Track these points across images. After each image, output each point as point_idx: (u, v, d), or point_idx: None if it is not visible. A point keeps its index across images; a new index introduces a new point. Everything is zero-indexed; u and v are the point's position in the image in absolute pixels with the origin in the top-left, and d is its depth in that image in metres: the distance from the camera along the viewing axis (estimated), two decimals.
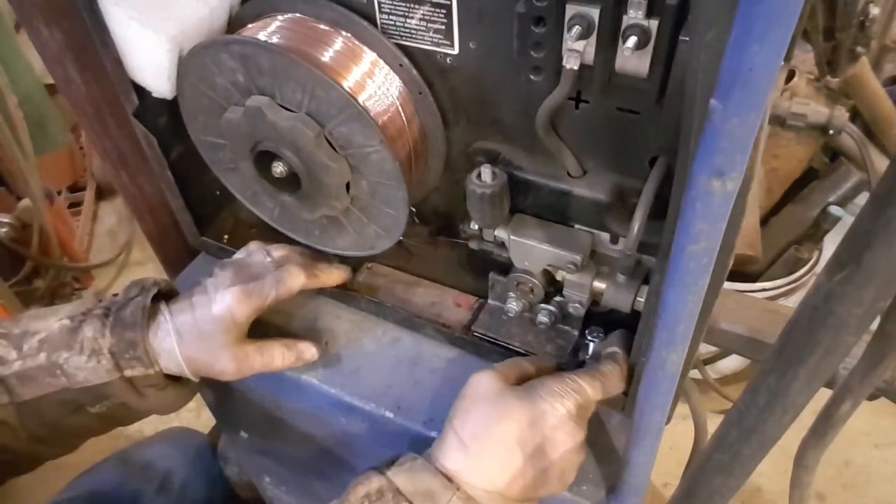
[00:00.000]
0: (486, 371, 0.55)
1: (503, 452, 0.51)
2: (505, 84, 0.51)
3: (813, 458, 0.48)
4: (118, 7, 0.54)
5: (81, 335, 0.57)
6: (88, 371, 0.57)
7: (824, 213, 1.32)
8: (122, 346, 0.57)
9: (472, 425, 0.52)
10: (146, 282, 0.62)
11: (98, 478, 0.97)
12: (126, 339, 0.57)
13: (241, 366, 0.62)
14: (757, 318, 0.68)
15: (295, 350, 0.65)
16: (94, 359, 0.57)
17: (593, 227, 0.55)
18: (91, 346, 0.57)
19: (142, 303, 0.59)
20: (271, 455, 0.95)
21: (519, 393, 0.53)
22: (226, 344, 0.60)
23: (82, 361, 0.57)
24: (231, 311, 0.60)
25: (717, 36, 0.29)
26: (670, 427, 0.53)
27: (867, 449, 1.52)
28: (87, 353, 0.57)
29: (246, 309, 0.60)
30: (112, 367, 0.57)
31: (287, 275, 0.63)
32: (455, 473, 0.50)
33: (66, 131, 2.06)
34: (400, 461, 0.52)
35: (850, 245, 0.30)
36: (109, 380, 0.57)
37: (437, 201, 0.65)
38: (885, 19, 1.08)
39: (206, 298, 0.61)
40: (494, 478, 0.50)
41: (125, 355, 0.57)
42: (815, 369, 0.35)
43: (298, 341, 0.66)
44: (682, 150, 0.37)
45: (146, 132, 0.62)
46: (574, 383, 0.53)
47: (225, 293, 0.60)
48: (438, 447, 0.53)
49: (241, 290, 0.60)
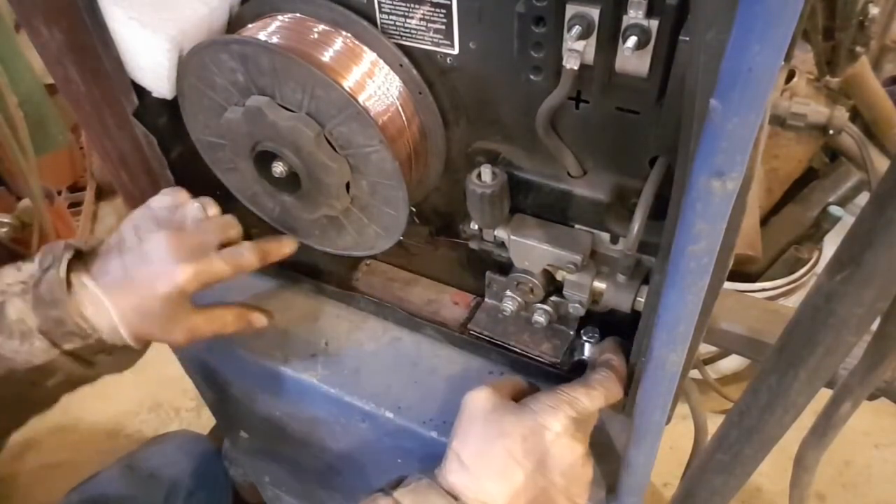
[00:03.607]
0: (479, 389, 0.55)
1: (503, 469, 0.50)
2: (505, 84, 0.51)
3: (813, 458, 0.48)
4: (118, 7, 0.54)
5: (6, 318, 0.54)
6: (26, 353, 0.54)
7: (824, 213, 1.32)
8: (51, 324, 0.54)
9: (471, 445, 0.52)
10: (56, 248, 0.57)
11: (103, 485, 0.97)
12: (51, 317, 0.54)
13: (191, 334, 0.59)
14: (757, 318, 0.67)
15: (245, 319, 0.63)
16: (27, 341, 0.54)
17: (593, 227, 0.55)
18: (19, 329, 0.53)
19: (56, 276, 0.54)
20: (271, 455, 0.95)
21: (513, 409, 0.53)
22: (174, 318, 0.57)
23: (16, 345, 0.53)
24: (179, 289, 0.56)
25: (717, 36, 0.29)
26: (670, 427, 0.53)
27: (867, 449, 1.52)
28: (17, 337, 0.53)
29: (195, 287, 0.57)
30: (48, 346, 0.54)
31: (240, 258, 0.59)
32: (459, 492, 0.50)
33: (66, 131, 2.06)
34: (405, 482, 0.52)
35: (851, 245, 0.30)
36: (50, 358, 0.54)
37: (437, 201, 0.65)
38: (884, 19, 1.08)
39: (146, 272, 0.56)
40: (496, 495, 0.50)
41: (57, 332, 0.54)
42: (815, 369, 0.35)
43: (249, 311, 0.64)
44: (682, 150, 0.37)
45: (146, 132, 0.62)
46: (567, 396, 0.52)
47: (173, 269, 0.55)
48: (442, 468, 0.53)
49: (192, 269, 0.56)
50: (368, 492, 0.52)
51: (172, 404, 1.71)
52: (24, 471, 1.54)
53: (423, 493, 0.50)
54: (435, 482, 0.51)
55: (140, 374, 0.63)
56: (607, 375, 0.55)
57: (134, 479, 0.98)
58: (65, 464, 1.57)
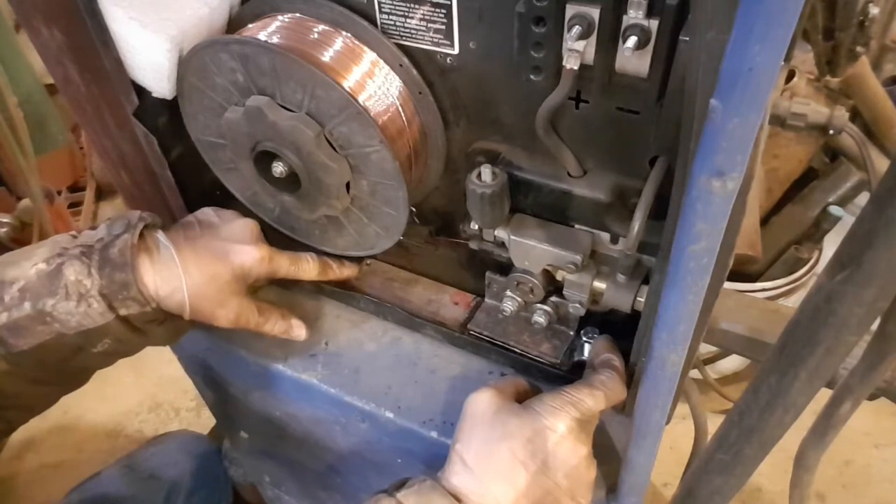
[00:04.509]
0: (482, 390, 0.55)
1: (507, 471, 0.50)
2: (505, 84, 0.51)
3: (813, 458, 0.48)
4: (118, 7, 0.54)
5: (63, 279, 0.54)
6: (80, 315, 0.54)
7: (824, 213, 1.32)
8: (115, 287, 0.54)
9: (475, 447, 0.52)
10: (131, 216, 0.58)
11: (104, 484, 0.97)
12: (117, 280, 0.54)
13: (239, 318, 0.62)
14: (757, 318, 0.67)
15: (288, 322, 0.67)
16: (84, 303, 0.54)
17: (593, 227, 0.55)
18: (77, 290, 0.54)
19: (130, 241, 0.56)
20: (271, 455, 0.95)
21: (517, 411, 0.53)
22: (236, 292, 0.61)
23: (71, 307, 0.54)
24: (248, 267, 0.61)
25: (717, 36, 0.29)
26: (670, 427, 0.53)
27: (867, 449, 1.52)
28: (74, 299, 0.54)
29: (263, 270, 0.62)
30: (105, 309, 0.54)
31: (304, 262, 0.65)
32: (463, 495, 0.50)
33: (66, 131, 2.06)
34: (409, 484, 0.52)
35: (851, 245, 0.30)
36: (104, 322, 0.55)
37: (437, 201, 0.64)
38: (884, 19, 1.08)
39: (223, 245, 0.60)
40: (501, 497, 0.50)
41: (118, 296, 0.55)
42: (816, 369, 0.35)
43: (293, 316, 0.68)
44: (682, 150, 0.37)
45: (146, 132, 0.62)
46: (571, 397, 0.52)
47: (249, 248, 0.61)
48: (445, 470, 0.53)
49: (265, 252, 0.61)
50: (370, 493, 0.52)
51: (172, 404, 1.71)
52: (24, 471, 1.54)
53: (427, 494, 0.50)
54: (438, 484, 0.51)
55: (140, 374, 0.63)
56: (611, 376, 0.55)
57: (134, 479, 0.98)
58: (65, 464, 1.57)
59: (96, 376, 0.62)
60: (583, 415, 0.52)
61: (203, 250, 0.59)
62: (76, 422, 1.66)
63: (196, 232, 0.62)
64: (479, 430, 0.53)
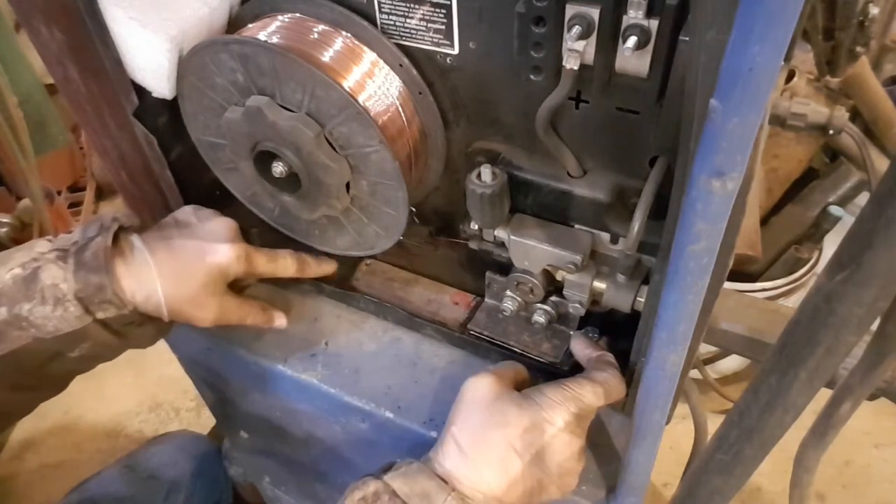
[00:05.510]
0: (482, 375, 0.55)
1: (501, 459, 0.51)
2: (505, 84, 0.51)
3: (813, 458, 0.48)
4: (118, 7, 0.54)
5: (40, 284, 0.53)
6: (57, 320, 0.53)
7: (824, 213, 1.32)
8: (90, 290, 0.54)
9: (471, 431, 0.52)
10: (104, 219, 0.58)
11: (104, 484, 0.97)
12: (92, 283, 0.54)
13: (219, 318, 0.62)
14: (757, 318, 0.67)
15: (269, 314, 0.67)
16: (60, 307, 0.53)
17: (593, 227, 0.55)
18: (53, 295, 0.53)
19: (103, 243, 0.55)
20: (271, 455, 0.95)
21: (517, 400, 0.53)
22: (214, 293, 0.60)
23: (48, 311, 0.53)
24: (224, 266, 0.60)
25: (717, 36, 0.29)
26: (670, 427, 0.53)
27: (867, 449, 1.52)
28: (50, 303, 0.53)
29: (240, 269, 0.61)
30: (82, 313, 0.54)
31: (281, 259, 0.65)
32: (454, 478, 0.51)
33: (66, 131, 2.06)
34: (396, 466, 0.52)
35: (851, 245, 0.30)
36: (81, 325, 0.54)
37: (437, 201, 0.64)
38: (884, 19, 1.08)
39: (198, 244, 0.59)
40: (493, 483, 0.50)
41: (95, 300, 0.54)
42: (816, 369, 0.35)
43: (273, 309, 0.68)
44: (682, 150, 0.37)
45: (146, 132, 0.62)
46: (572, 392, 0.53)
47: (224, 246, 0.60)
48: (437, 452, 0.53)
49: (241, 250, 0.61)
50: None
51: (172, 404, 1.71)
52: (24, 471, 1.54)
53: (413, 476, 0.50)
54: (426, 466, 0.51)
55: (140, 374, 0.63)
56: (613, 373, 0.55)
57: (134, 479, 0.98)
58: (65, 464, 1.57)
59: (97, 376, 0.62)
60: (581, 410, 0.52)
61: (178, 251, 0.59)
62: (76, 422, 1.66)
63: (173, 232, 0.61)
64: (476, 415, 0.53)
